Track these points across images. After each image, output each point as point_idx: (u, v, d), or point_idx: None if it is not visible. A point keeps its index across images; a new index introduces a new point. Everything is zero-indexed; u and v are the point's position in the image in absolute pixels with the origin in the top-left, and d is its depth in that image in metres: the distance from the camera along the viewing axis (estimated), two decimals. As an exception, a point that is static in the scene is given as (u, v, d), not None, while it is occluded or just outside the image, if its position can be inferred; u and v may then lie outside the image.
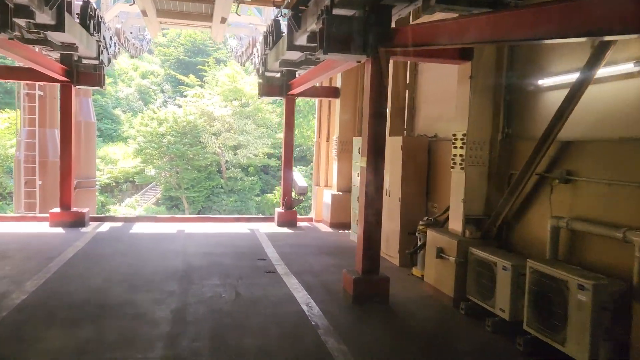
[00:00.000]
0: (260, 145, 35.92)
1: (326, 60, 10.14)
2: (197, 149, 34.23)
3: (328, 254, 10.29)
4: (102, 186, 35.16)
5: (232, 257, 9.82)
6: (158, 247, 10.42)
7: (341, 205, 13.24)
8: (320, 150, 14.85)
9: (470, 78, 7.30)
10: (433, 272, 7.72)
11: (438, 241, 7.56)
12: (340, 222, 13.25)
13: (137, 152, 34.87)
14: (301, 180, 13.69)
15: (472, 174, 7.38)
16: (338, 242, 11.66)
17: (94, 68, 12.33)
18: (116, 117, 47.64)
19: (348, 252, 10.51)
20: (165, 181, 34.93)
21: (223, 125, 35.22)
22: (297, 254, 10.21)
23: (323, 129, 14.81)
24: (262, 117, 36.52)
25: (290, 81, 13.00)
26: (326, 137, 14.77)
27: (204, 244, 10.89)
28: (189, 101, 35.96)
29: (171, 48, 55.01)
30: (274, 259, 9.73)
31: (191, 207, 35.69)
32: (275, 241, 11.39)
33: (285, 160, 13.48)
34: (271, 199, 38.61)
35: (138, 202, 35.61)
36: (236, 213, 36.20)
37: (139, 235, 11.79)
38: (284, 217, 13.34)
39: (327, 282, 8.15)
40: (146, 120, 34.81)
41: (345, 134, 13.51)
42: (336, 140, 13.60)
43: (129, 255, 9.64)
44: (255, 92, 35.79)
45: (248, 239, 11.67)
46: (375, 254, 7.32)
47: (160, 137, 33.93)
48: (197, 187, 35.01)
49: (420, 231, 8.57)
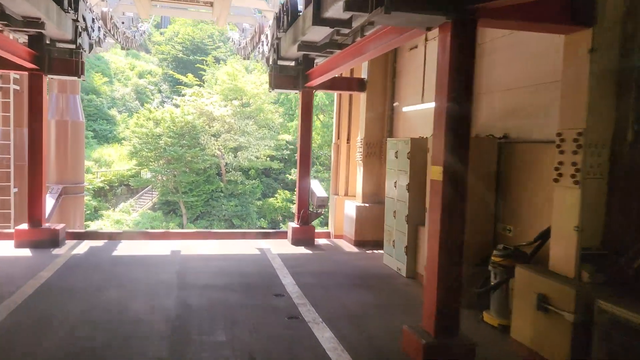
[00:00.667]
0: (262, 147, 33.58)
1: (358, 42, 7.87)
2: (196, 151, 31.83)
3: (363, 287, 7.96)
4: (95, 190, 32.74)
5: (240, 291, 7.49)
6: (146, 277, 8.06)
7: (369, 220, 10.92)
8: (340, 153, 12.51)
9: (590, 52, 4.98)
10: (529, 328, 5.38)
11: (537, 285, 5.24)
12: (367, 240, 10.94)
13: (132, 154, 32.45)
14: (320, 189, 11.36)
15: (591, 189, 5.07)
16: (370, 268, 9.32)
17: (70, 53, 9.96)
18: (111, 118, 45.21)
19: (388, 283, 8.19)
20: (161, 185, 32.51)
21: (223, 125, 32.87)
22: (323, 287, 7.88)
23: (343, 129, 12.48)
24: (264, 118, 34.20)
25: (308, 71, 10.67)
26: (346, 138, 12.44)
27: (203, 272, 8.54)
28: (187, 100, 33.56)
29: (169, 46, 52.60)
30: (294, 295, 7.39)
31: (189, 212, 33.29)
32: (292, 267, 9.05)
33: (301, 165, 11.12)
34: (273, 203, 36.28)
35: (133, 207, 33.18)
36: (237, 218, 33.86)
37: (124, 259, 9.42)
38: (299, 234, 11.00)
39: (375, 338, 5.81)
40: (142, 121, 32.40)
41: (372, 135, 11.20)
42: (361, 142, 11.28)
43: (107, 290, 7.28)
44: (257, 92, 33.57)
45: (258, 264, 9.32)
46: (455, 308, 5.00)
47: (156, 138, 31.51)
48: (196, 191, 32.62)
49: (496, 264, 6.25)
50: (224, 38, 52.85)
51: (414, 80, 10.20)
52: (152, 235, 11.52)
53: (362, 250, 10.72)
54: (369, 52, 7.74)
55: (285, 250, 10.53)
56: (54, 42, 9.88)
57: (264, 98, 34.06)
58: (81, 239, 10.88)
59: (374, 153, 11.19)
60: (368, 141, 11.15)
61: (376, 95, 11.15)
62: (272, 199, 36.87)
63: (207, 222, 33.69)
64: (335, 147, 12.69)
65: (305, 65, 10.72)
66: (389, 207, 9.33)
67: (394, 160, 9.08)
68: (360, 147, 11.24)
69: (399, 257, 8.84)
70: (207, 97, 33.66)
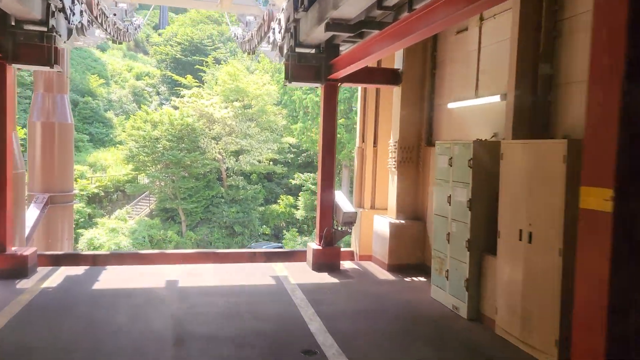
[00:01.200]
0: (264, 150, 31.56)
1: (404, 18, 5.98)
2: (195, 155, 29.80)
3: (418, 336, 5.95)
4: (89, 196, 30.63)
5: (257, 346, 5.48)
6: (133, 326, 6.03)
7: (405, 240, 8.94)
8: (365, 159, 10.51)
9: None
10: None
11: None
12: (403, 264, 8.96)
13: (129, 159, 30.38)
14: (346, 203, 9.33)
15: None
16: (417, 304, 7.29)
17: (41, 37, 7.92)
18: (108, 121, 43.09)
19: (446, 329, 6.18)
20: (159, 191, 30.43)
21: (224, 128, 30.87)
22: (365, 336, 5.88)
23: (368, 130, 10.47)
24: (266, 120, 32.19)
25: (332, 60, 8.69)
26: (372, 141, 10.44)
27: (207, 314, 6.52)
28: (186, 102, 31.53)
29: (167, 47, 50.54)
30: (330, 351, 5.39)
31: (188, 219, 31.22)
32: (318, 303, 7.04)
33: (323, 175, 9.10)
34: (276, 209, 34.25)
35: (129, 214, 31.07)
36: (238, 225, 31.77)
37: (107, 295, 7.38)
38: (321, 257, 8.99)
39: None
40: (138, 123, 30.35)
41: (408, 137, 9.21)
42: (394, 145, 9.28)
43: (76, 353, 5.26)
44: (259, 92, 31.55)
45: (276, 300, 7.30)
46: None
47: (154, 141, 29.48)
48: (195, 196, 30.55)
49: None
50: (224, 39, 50.93)
51: (463, 70, 8.22)
52: (145, 258, 9.48)
53: (399, 277, 8.70)
54: (417, 32, 5.83)
55: (306, 277, 8.52)
56: (20, 24, 7.86)
57: (266, 99, 32.07)
58: (58, 265, 8.84)
59: (410, 159, 9.20)
60: (403, 145, 9.16)
61: (413, 89, 9.17)
62: (275, 204, 34.86)
63: (207, 229, 31.64)
64: (359, 151, 10.69)
65: (329, 53, 8.75)
66: (439, 228, 7.33)
67: (447, 169, 7.09)
68: (394, 152, 9.25)
69: (456, 292, 6.84)
70: (207, 98, 31.64)
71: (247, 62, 41.49)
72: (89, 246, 27.04)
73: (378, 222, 9.51)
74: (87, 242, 27.08)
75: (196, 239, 30.75)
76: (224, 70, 33.53)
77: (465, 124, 8.12)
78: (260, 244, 30.47)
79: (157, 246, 28.88)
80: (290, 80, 8.72)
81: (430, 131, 9.18)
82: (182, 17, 54.48)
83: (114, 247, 26.73)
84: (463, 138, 7.96)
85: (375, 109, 10.40)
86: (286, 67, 8.86)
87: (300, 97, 31.62)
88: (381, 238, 9.30)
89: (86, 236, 27.45)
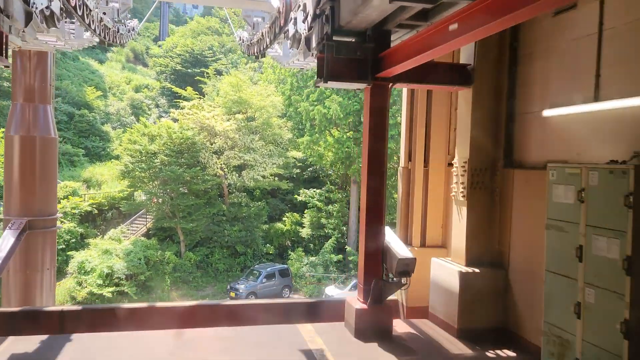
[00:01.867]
0: (269, 165, 29.08)
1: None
2: (196, 170, 27.29)
3: None
4: (82, 215, 27.99)
5: None
6: None
7: (481, 296, 6.45)
8: (413, 183, 8.02)
9: None
10: None
11: None
12: (477, 328, 6.43)
13: (124, 174, 27.84)
14: (401, 246, 6.79)
15: None
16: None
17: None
18: (105, 134, 40.57)
19: None
20: (157, 208, 27.85)
21: (226, 142, 28.42)
22: None
23: (418, 145, 7.99)
24: (271, 133, 29.77)
25: (383, 52, 6.25)
26: (423, 159, 7.97)
27: None
28: (186, 114, 29.09)
29: (167, 59, 48.25)
30: None
31: (187, 239, 28.60)
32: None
33: (369, 206, 6.59)
34: (280, 227, 31.67)
35: (124, 234, 28.41)
36: (241, 245, 29.13)
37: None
38: (368, 319, 6.43)
39: None
40: (135, 136, 27.87)
41: (481, 155, 6.75)
42: (463, 167, 6.81)
43: None
44: (263, 104, 29.16)
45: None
46: None
47: (151, 156, 26.98)
48: (195, 214, 27.94)
49: None
50: (225, 50, 48.75)
51: (568, 64, 5.81)
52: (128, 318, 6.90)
53: (477, 349, 6.16)
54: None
55: (349, 349, 5.99)
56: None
57: (271, 111, 29.66)
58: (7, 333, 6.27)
59: (483, 185, 6.73)
60: (475, 166, 6.70)
61: (488, 92, 6.73)
62: (280, 222, 32.29)
63: (208, 249, 29.02)
64: (404, 172, 8.20)
65: (378, 42, 6.31)
66: (558, 293, 4.84)
67: (573, 205, 4.63)
68: (462, 175, 6.78)
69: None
70: (208, 110, 29.21)
71: (249, 73, 39.18)
72: (79, 270, 24.43)
73: (440, 269, 7.01)
74: (78, 265, 24.46)
75: (195, 260, 28.14)
76: (226, 80, 31.17)
77: (574, 139, 5.67)
78: (264, 266, 27.94)
79: (153, 268, 26.32)
80: (326, 80, 6.25)
81: (511, 147, 6.72)
82: (182, 29, 52.39)
83: (106, 270, 24.16)
84: (571, 158, 5.52)
85: (426, 117, 7.96)
86: (320, 63, 6.39)
87: (306, 109, 29.22)
88: (445, 291, 6.79)
89: (77, 259, 24.83)
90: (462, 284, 6.46)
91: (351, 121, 29.24)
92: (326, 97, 28.43)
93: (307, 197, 31.68)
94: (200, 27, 50.99)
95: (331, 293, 25.66)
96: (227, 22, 51.06)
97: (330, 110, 27.82)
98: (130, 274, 25.24)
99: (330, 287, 26.43)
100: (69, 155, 36.21)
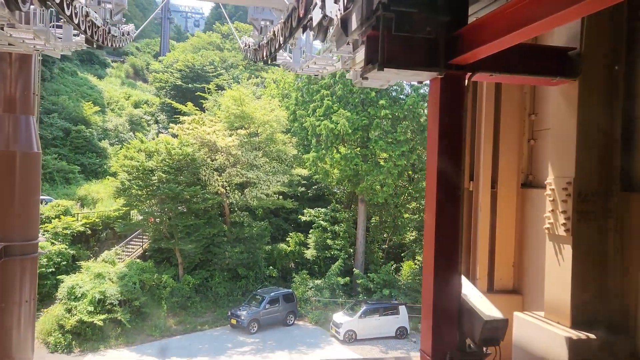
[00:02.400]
0: (273, 183, 27.15)
1: None
2: (196, 188, 25.33)
3: None
4: (75, 235, 25.92)
5: None
6: None
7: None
8: (477, 209, 6.11)
9: None
10: None
11: None
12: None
13: (120, 192, 25.85)
14: (484, 302, 4.85)
15: None
16: None
17: None
18: (102, 150, 38.66)
19: None
20: (154, 229, 25.80)
21: (227, 158, 26.52)
22: None
23: (484, 161, 6.10)
24: (275, 149, 27.90)
25: (458, 29, 4.39)
26: (490, 179, 6.07)
27: None
28: (186, 129, 27.23)
29: (167, 74, 46.62)
30: None
31: (186, 261, 26.50)
32: None
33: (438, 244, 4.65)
34: (284, 248, 29.62)
35: (119, 255, 26.28)
36: (242, 267, 27.01)
37: None
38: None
39: None
40: (132, 152, 25.96)
41: (590, 174, 4.84)
42: (565, 188, 4.89)
43: None
44: (267, 118, 27.27)
45: None
46: None
47: (148, 173, 25.03)
48: (194, 235, 25.87)
49: None
50: (226, 65, 47.18)
51: None
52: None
53: None
54: None
55: None
56: None
57: (275, 126, 27.83)
58: None
59: (595, 214, 4.81)
60: (583, 188, 4.78)
61: (599, 86, 4.86)
62: (283, 243, 30.24)
63: (207, 272, 26.90)
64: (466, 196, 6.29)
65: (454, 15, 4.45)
66: None
67: None
68: (564, 200, 4.86)
69: None
70: (209, 125, 27.37)
71: (252, 88, 37.47)
72: (69, 296, 22.27)
73: (530, 330, 5.04)
74: (68, 291, 22.29)
75: (194, 284, 25.97)
76: (228, 94, 29.36)
77: None
78: (267, 290, 25.81)
79: (149, 293, 24.17)
80: (381, 66, 4.33)
81: (629, 164, 4.83)
82: (183, 44, 50.93)
83: (98, 295, 22.02)
84: None
85: (494, 126, 6.08)
86: (370, 44, 4.50)
87: (313, 124, 27.43)
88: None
89: (67, 284, 22.68)
90: (572, 358, 4.49)
91: (359, 137, 27.47)
92: (333, 112, 26.71)
93: (311, 216, 29.73)
94: (202, 43, 49.54)
95: (340, 321, 23.56)
96: (228, 38, 49.67)
97: (338, 126, 26.04)
98: (124, 300, 23.10)
99: (338, 314, 24.32)
100: (64, 172, 34.24)
